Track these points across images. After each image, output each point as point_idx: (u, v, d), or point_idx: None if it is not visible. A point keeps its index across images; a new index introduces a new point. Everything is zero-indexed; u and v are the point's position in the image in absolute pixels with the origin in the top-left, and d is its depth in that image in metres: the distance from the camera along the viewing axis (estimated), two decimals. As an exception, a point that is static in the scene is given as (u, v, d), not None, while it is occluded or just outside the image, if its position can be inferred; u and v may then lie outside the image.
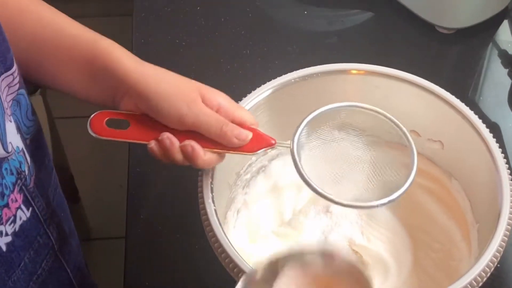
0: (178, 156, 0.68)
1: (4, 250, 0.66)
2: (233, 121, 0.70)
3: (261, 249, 0.78)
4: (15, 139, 0.67)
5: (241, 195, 0.81)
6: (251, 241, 0.79)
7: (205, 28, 1.06)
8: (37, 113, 0.73)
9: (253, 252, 0.77)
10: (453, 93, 0.78)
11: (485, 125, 0.75)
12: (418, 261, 0.79)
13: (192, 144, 0.68)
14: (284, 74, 0.80)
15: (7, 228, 0.65)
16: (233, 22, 1.07)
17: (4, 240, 0.65)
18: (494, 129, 0.84)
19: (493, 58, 1.04)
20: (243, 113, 0.71)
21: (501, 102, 0.98)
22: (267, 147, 0.71)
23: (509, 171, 0.72)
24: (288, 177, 0.82)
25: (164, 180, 0.89)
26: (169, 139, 0.68)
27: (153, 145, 0.69)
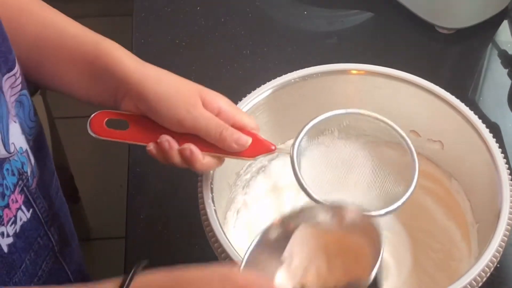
0: (176, 159, 0.68)
1: (5, 251, 0.66)
2: (234, 125, 0.69)
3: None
4: (19, 139, 0.67)
5: (241, 195, 0.81)
6: (251, 241, 0.79)
7: (205, 28, 1.06)
8: (37, 113, 0.73)
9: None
10: (453, 93, 0.78)
11: (485, 125, 0.75)
12: (418, 261, 0.79)
13: (191, 148, 0.67)
14: (284, 74, 0.80)
15: (8, 229, 0.65)
16: (233, 22, 1.07)
17: (6, 241, 0.65)
18: (494, 129, 0.84)
19: (493, 58, 1.04)
20: (243, 117, 0.71)
21: (501, 102, 0.98)
22: (267, 153, 0.71)
23: (509, 171, 0.72)
24: (288, 177, 0.82)
25: (164, 180, 0.89)
26: (168, 142, 0.68)
27: (152, 147, 0.69)
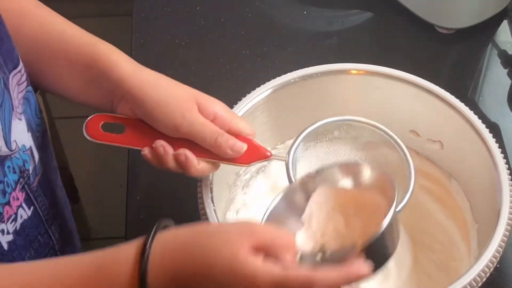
0: (171, 164, 0.68)
1: (6, 248, 0.66)
2: (229, 130, 0.69)
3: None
4: (23, 137, 0.67)
5: (240, 195, 0.81)
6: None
7: (204, 28, 1.06)
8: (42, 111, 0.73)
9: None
10: (452, 93, 0.78)
11: (484, 125, 0.75)
12: (418, 261, 0.79)
13: (185, 153, 0.68)
14: (284, 74, 0.80)
15: (9, 227, 0.66)
16: (232, 22, 1.07)
17: (6, 238, 0.66)
18: (494, 129, 0.84)
19: (493, 58, 1.04)
20: (239, 123, 0.70)
21: (500, 102, 0.98)
22: (262, 159, 0.71)
23: (508, 171, 0.72)
24: (288, 178, 0.82)
25: (164, 180, 0.89)
26: (163, 147, 0.68)
27: (147, 152, 0.69)
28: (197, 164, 0.68)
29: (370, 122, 0.74)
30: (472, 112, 0.76)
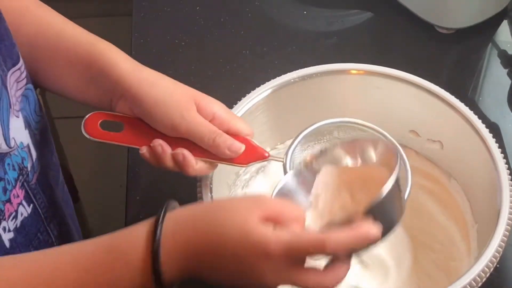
0: (169, 163, 0.68)
1: (7, 246, 0.66)
2: (228, 131, 0.69)
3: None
4: (21, 134, 0.67)
5: (240, 195, 0.81)
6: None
7: (204, 28, 1.06)
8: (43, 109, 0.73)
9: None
10: (452, 93, 0.78)
11: (484, 125, 0.75)
12: (417, 261, 0.79)
13: (183, 153, 0.68)
14: (284, 74, 0.80)
15: (10, 224, 0.66)
16: (232, 22, 1.07)
17: (7, 236, 0.66)
18: (494, 129, 0.84)
19: (493, 58, 1.04)
20: (238, 123, 0.71)
21: (500, 102, 0.98)
22: (260, 160, 0.71)
23: (508, 171, 0.72)
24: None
25: (164, 180, 0.89)
26: (161, 146, 0.68)
27: (145, 151, 0.69)
28: (195, 164, 0.68)
29: (368, 124, 0.74)
30: (472, 112, 0.76)
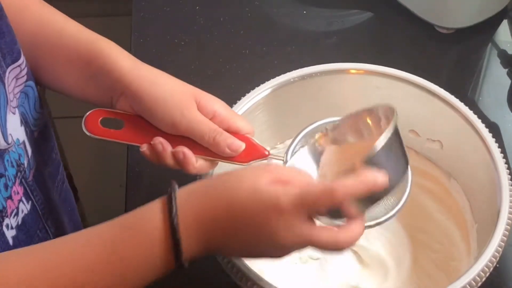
0: (169, 161, 0.68)
1: (11, 244, 0.66)
2: (228, 129, 0.69)
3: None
4: (17, 131, 0.67)
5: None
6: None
7: (204, 28, 1.06)
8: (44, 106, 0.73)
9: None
10: (452, 93, 0.78)
11: (484, 125, 0.75)
12: (417, 261, 0.79)
13: (184, 151, 0.68)
14: (283, 74, 0.80)
15: (12, 221, 0.66)
16: (232, 21, 1.07)
17: (10, 233, 0.66)
18: (494, 129, 0.84)
19: (493, 58, 1.04)
20: (238, 121, 0.70)
21: (500, 102, 0.98)
22: (260, 158, 0.71)
23: (508, 171, 0.72)
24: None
25: (164, 180, 0.88)
26: (162, 144, 0.68)
27: (145, 149, 0.69)
28: (195, 162, 0.68)
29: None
30: (471, 112, 0.76)
